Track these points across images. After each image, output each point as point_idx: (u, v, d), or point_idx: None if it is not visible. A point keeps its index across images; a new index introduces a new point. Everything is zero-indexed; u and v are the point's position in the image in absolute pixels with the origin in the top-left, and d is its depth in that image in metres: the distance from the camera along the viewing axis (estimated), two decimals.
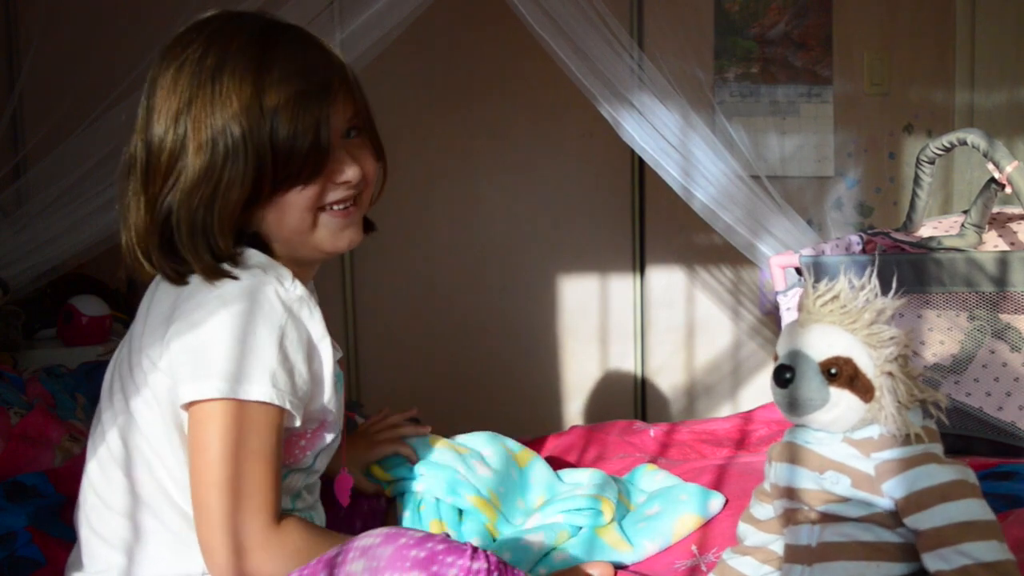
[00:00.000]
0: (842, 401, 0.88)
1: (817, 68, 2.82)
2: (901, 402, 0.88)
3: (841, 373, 0.88)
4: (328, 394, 1.02)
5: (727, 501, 1.27)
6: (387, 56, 1.95)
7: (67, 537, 1.20)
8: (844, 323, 0.89)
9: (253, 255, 1.00)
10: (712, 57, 2.79)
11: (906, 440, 0.87)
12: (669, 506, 1.24)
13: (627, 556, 1.17)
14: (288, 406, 0.94)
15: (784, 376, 0.89)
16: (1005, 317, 1.63)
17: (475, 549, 0.84)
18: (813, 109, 2.82)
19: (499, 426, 1.52)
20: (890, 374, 0.88)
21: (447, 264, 2.77)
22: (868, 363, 0.88)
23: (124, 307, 2.24)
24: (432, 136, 2.75)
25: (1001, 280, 1.53)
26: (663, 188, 2.03)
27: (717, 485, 1.34)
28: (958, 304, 1.61)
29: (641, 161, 2.33)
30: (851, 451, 0.89)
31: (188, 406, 0.93)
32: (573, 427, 1.64)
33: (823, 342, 0.89)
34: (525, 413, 2.78)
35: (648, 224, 2.83)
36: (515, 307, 2.83)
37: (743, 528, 1.02)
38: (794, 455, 0.93)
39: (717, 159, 1.96)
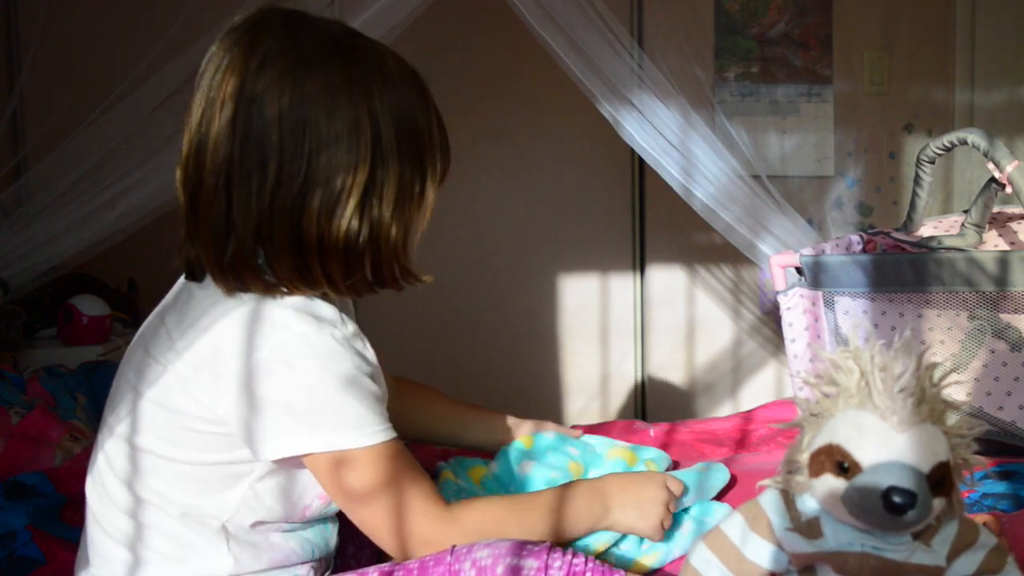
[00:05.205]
0: (936, 507, 0.77)
1: (817, 67, 2.82)
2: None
3: (945, 480, 0.76)
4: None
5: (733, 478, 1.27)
6: None
7: (67, 536, 1.20)
8: (932, 416, 0.78)
9: (293, 299, 0.97)
10: (712, 57, 2.79)
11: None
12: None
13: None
14: (393, 435, 0.96)
15: (906, 504, 0.74)
16: (1005, 316, 1.63)
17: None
18: (813, 108, 2.82)
19: None
20: (963, 459, 0.79)
21: (447, 263, 2.77)
22: (949, 453, 0.78)
23: (124, 307, 2.24)
24: None
25: (1001, 280, 1.53)
26: (663, 188, 2.03)
27: None
28: (958, 304, 1.61)
29: (641, 161, 2.33)
30: (926, 548, 0.80)
31: (304, 456, 0.95)
32: (573, 427, 1.64)
33: (928, 450, 0.76)
34: (525, 412, 2.76)
35: (648, 224, 2.83)
36: (515, 306, 2.83)
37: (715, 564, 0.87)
38: (891, 570, 0.79)
39: (717, 158, 1.96)
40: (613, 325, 2.86)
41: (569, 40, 1.85)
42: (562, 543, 1.00)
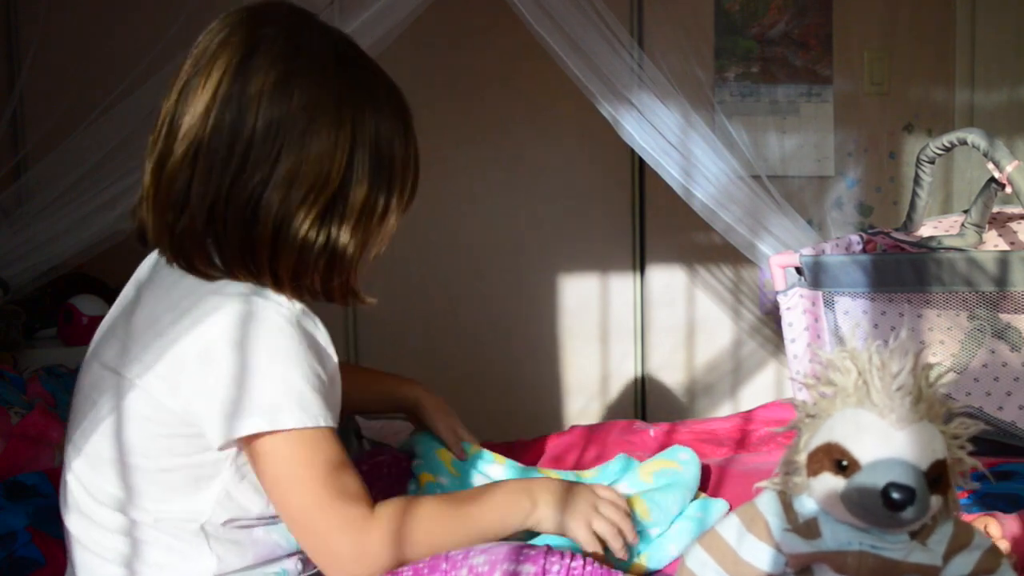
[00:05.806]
0: (934, 505, 0.77)
1: (817, 68, 2.82)
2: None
3: (942, 478, 0.77)
4: (339, 394, 1.02)
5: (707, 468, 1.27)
6: (386, 56, 1.92)
7: None
8: (929, 415, 0.78)
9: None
10: (712, 57, 2.79)
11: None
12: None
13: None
14: (323, 422, 0.94)
15: (905, 500, 0.73)
16: (1005, 317, 1.63)
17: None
18: (813, 109, 2.82)
19: (499, 425, 1.52)
20: (959, 459, 0.80)
21: (446, 264, 2.77)
22: (946, 452, 0.78)
23: None
24: (432, 136, 2.73)
25: (1001, 280, 1.53)
26: (663, 188, 2.03)
27: (717, 485, 1.34)
28: (958, 304, 1.61)
29: (641, 161, 2.33)
30: (922, 547, 0.80)
31: (241, 440, 0.93)
32: (573, 427, 1.64)
33: (928, 448, 0.76)
34: (525, 413, 2.78)
35: (648, 224, 2.83)
36: (515, 307, 2.83)
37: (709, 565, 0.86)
38: (890, 569, 0.79)
39: (717, 158, 1.96)
40: (613, 325, 2.86)
41: (569, 40, 1.86)
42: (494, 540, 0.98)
